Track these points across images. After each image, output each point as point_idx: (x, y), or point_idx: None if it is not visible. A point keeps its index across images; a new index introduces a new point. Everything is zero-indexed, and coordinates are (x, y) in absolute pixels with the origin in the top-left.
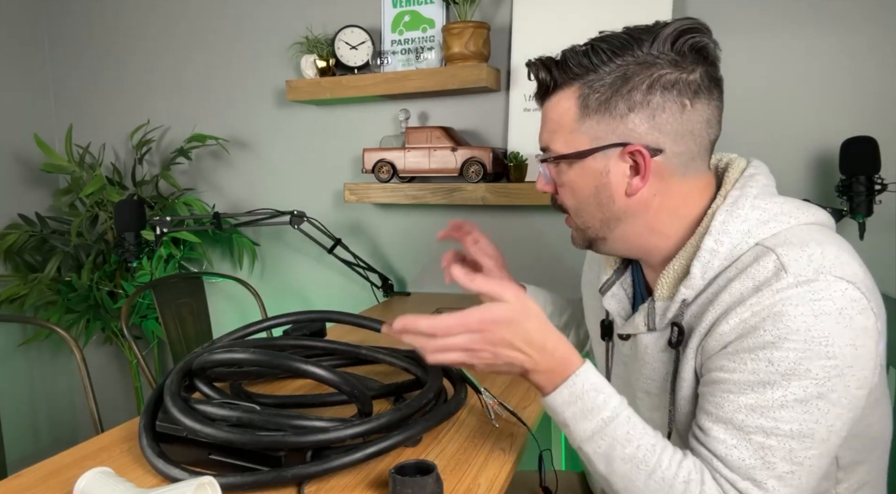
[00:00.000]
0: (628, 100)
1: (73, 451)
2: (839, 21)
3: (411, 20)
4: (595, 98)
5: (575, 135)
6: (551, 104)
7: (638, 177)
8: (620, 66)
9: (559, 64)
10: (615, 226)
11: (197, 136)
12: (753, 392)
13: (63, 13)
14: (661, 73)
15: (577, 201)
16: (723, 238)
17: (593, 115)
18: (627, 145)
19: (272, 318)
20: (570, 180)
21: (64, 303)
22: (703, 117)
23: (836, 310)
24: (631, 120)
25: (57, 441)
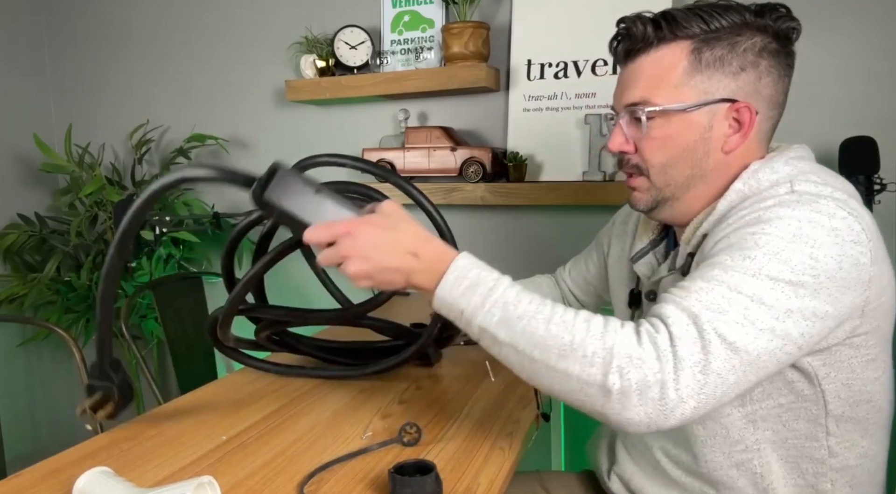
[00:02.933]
0: (742, 59)
1: (72, 451)
2: (838, 21)
3: (411, 20)
4: (710, 53)
5: (681, 89)
6: (650, 59)
7: (738, 134)
8: (736, 25)
9: (668, 19)
10: (696, 185)
11: (196, 136)
12: (732, 260)
13: (63, 13)
14: (769, 39)
15: (667, 156)
16: (751, 182)
17: (705, 70)
18: (736, 102)
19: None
20: (667, 134)
21: (63, 303)
22: (784, 90)
23: (830, 227)
24: (742, 78)
25: (56, 441)
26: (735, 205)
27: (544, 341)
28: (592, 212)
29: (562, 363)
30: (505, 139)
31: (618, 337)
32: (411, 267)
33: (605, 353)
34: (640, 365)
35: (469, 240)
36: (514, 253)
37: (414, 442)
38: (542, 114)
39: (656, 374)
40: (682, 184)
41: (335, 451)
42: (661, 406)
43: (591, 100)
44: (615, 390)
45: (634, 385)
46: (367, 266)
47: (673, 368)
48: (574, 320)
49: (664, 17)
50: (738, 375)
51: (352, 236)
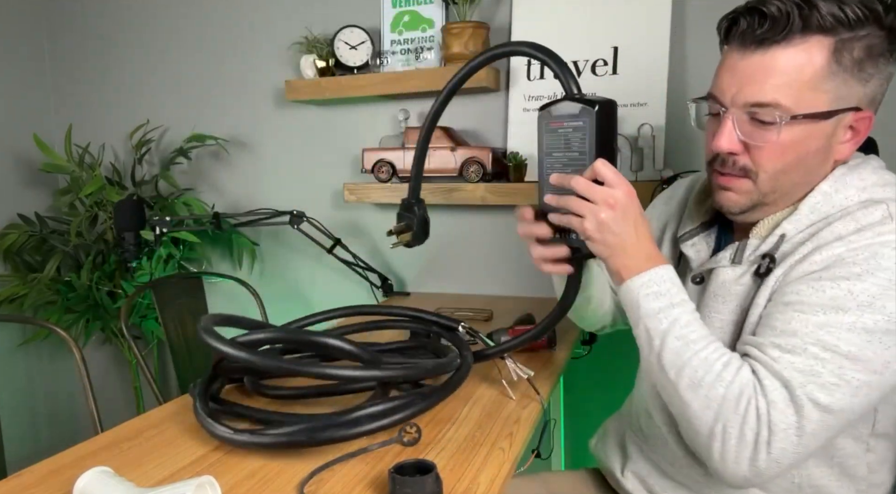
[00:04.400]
0: (875, 65)
1: (72, 451)
2: None
3: (411, 20)
4: (850, 56)
5: (816, 93)
6: (786, 53)
7: (852, 142)
8: (874, 28)
9: (811, 6)
10: (796, 192)
11: (196, 136)
12: (825, 314)
13: (63, 13)
14: (891, 40)
15: (784, 163)
16: (838, 185)
17: (842, 75)
18: (863, 110)
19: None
20: (788, 140)
21: (63, 303)
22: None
23: None
24: (871, 85)
25: (56, 441)
26: (818, 208)
27: (683, 367)
28: None
29: (688, 393)
30: (505, 139)
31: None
32: (630, 247)
33: (721, 403)
34: (742, 425)
35: (469, 239)
36: (513, 253)
37: (414, 442)
38: None
39: (755, 436)
40: (789, 191)
41: (335, 451)
42: (754, 466)
43: None
44: (717, 441)
45: (734, 441)
46: (611, 223)
47: (768, 433)
48: (715, 361)
49: (808, 3)
50: (832, 431)
51: (626, 195)
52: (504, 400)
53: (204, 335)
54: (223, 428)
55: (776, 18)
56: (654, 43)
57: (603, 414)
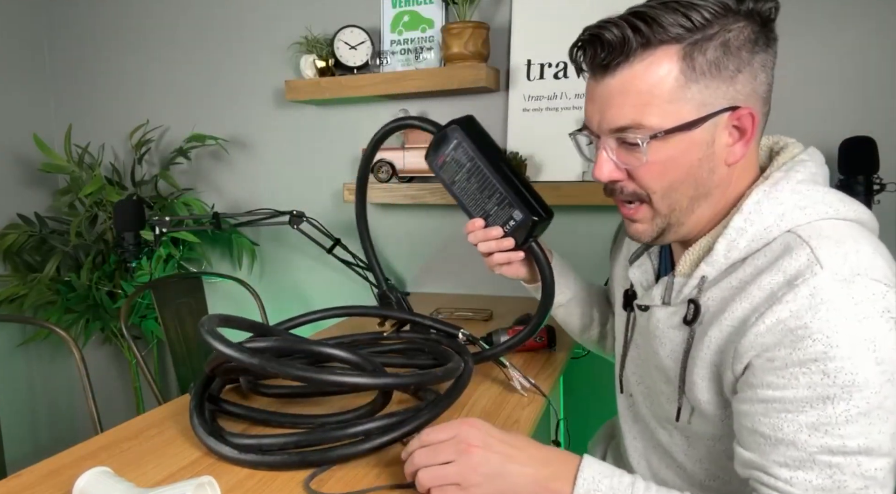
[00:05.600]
0: (737, 59)
1: (72, 451)
2: (837, 20)
3: (410, 20)
4: (703, 58)
5: (678, 104)
6: (634, 72)
7: (741, 142)
8: (727, 23)
9: (649, 20)
10: (700, 205)
11: (196, 136)
12: (813, 409)
13: (62, 13)
14: (756, 28)
15: (668, 181)
16: (754, 217)
17: (700, 79)
18: (738, 109)
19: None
20: (666, 157)
21: (63, 303)
22: (771, 81)
23: (878, 313)
24: (739, 81)
25: (56, 441)
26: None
27: None
28: (592, 213)
29: None
30: (505, 139)
31: None
32: (523, 476)
33: None
34: None
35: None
36: None
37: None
38: (542, 115)
39: None
40: (687, 206)
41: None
42: None
43: None
44: None
45: None
46: (483, 462)
47: None
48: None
49: (643, 17)
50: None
51: (468, 428)
52: (504, 400)
53: (211, 339)
54: (228, 448)
55: (616, 41)
56: None
57: (602, 414)
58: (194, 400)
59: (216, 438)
